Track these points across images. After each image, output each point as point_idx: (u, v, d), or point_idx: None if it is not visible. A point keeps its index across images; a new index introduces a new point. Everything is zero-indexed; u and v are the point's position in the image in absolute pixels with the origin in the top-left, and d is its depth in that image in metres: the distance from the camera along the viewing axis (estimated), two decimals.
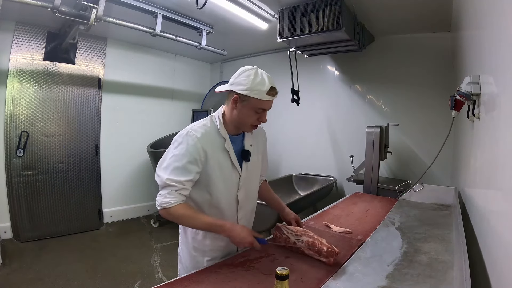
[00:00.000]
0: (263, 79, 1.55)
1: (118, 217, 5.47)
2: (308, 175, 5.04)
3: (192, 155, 1.54)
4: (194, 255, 1.71)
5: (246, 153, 1.74)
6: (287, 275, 1.03)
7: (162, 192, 1.54)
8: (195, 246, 1.71)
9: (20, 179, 4.33)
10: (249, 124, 1.65)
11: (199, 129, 1.61)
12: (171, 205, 1.51)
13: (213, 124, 1.68)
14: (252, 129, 1.71)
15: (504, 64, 1.14)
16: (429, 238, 1.88)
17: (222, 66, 6.75)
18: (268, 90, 1.54)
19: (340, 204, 2.92)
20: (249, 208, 1.85)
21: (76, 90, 4.83)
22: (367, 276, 1.39)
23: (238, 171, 1.71)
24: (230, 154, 1.67)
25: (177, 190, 1.52)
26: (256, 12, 3.88)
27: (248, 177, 1.76)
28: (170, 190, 1.52)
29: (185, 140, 1.56)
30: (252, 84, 1.52)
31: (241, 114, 1.61)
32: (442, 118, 3.57)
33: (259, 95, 1.54)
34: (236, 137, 1.74)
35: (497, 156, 1.27)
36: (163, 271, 3.76)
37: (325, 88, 5.15)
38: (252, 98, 1.55)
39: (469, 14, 2.24)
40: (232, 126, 1.69)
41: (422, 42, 4.18)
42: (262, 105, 1.58)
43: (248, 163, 1.75)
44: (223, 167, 1.65)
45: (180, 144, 1.56)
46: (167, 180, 1.51)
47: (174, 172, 1.52)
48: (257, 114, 1.61)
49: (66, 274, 3.52)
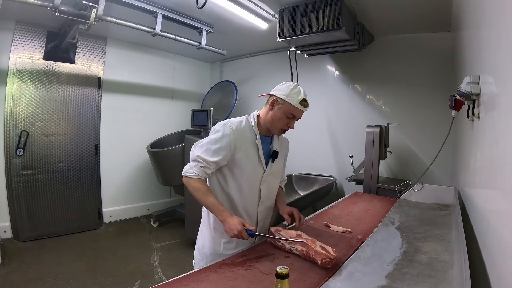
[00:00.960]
0: (300, 91, 1.83)
1: (117, 216, 5.46)
2: (308, 174, 5.04)
3: (224, 142, 1.76)
4: (214, 236, 1.90)
5: (275, 153, 1.97)
6: (287, 274, 1.03)
7: (190, 164, 1.79)
8: (216, 226, 1.89)
9: (20, 179, 4.33)
10: (279, 127, 1.88)
11: (235, 123, 1.86)
12: (193, 175, 1.75)
13: (248, 122, 1.92)
14: (280, 133, 1.96)
15: (504, 64, 1.14)
16: (428, 238, 1.88)
17: (222, 65, 6.75)
18: (301, 100, 1.80)
19: (339, 204, 2.93)
20: (268, 204, 2.05)
21: (76, 89, 4.83)
22: (367, 275, 1.39)
23: (263, 167, 1.91)
24: (259, 150, 1.88)
25: (202, 166, 1.76)
26: (256, 11, 3.88)
27: (271, 175, 1.97)
28: (197, 164, 1.76)
29: (222, 129, 1.79)
30: (290, 92, 1.80)
31: (274, 116, 1.85)
32: (442, 118, 3.58)
33: (293, 102, 1.79)
34: (265, 138, 1.97)
35: (496, 156, 1.27)
36: (162, 271, 3.76)
37: (325, 88, 5.15)
38: (286, 102, 1.80)
39: (469, 14, 2.24)
40: (264, 127, 1.92)
41: (422, 42, 4.17)
42: (293, 111, 1.82)
43: (273, 163, 1.96)
44: (250, 159, 1.86)
45: (217, 131, 1.80)
46: (197, 157, 1.76)
47: (205, 152, 1.76)
48: (287, 119, 1.84)
49: (66, 274, 3.52)
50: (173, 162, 4.70)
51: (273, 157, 1.96)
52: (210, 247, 1.89)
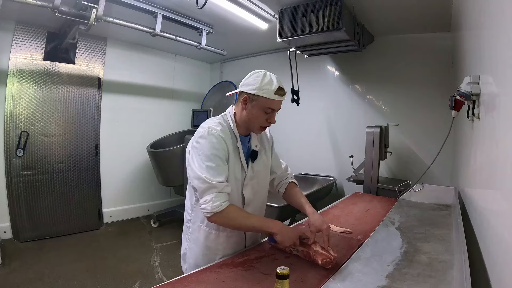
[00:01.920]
0: (271, 80, 1.61)
1: (118, 217, 5.46)
2: (308, 175, 5.04)
3: (221, 152, 1.57)
4: (206, 254, 1.71)
5: (254, 153, 1.78)
6: (287, 275, 1.03)
7: (207, 198, 1.49)
8: (208, 245, 1.71)
9: (20, 179, 4.33)
10: (258, 125, 1.69)
11: (218, 127, 1.62)
12: (223, 207, 1.49)
13: (227, 122, 1.72)
14: (261, 131, 1.75)
15: (504, 64, 1.14)
16: (429, 238, 1.88)
17: (222, 66, 6.75)
18: (276, 90, 1.59)
19: (340, 204, 2.92)
20: (257, 206, 1.86)
21: (76, 90, 4.83)
22: (367, 275, 1.39)
23: (245, 170, 1.73)
24: (240, 153, 1.71)
25: (221, 189, 1.51)
26: (256, 12, 3.88)
27: (254, 177, 1.78)
28: (216, 193, 1.49)
29: (209, 139, 1.57)
30: (260, 84, 1.58)
31: (250, 114, 1.65)
32: (442, 118, 3.58)
33: (267, 94, 1.58)
34: (244, 137, 1.78)
35: (497, 156, 1.27)
36: (163, 271, 3.76)
37: (325, 88, 5.15)
38: (260, 97, 1.60)
39: (468, 14, 2.24)
40: (242, 126, 1.73)
41: (422, 42, 4.18)
42: (270, 105, 1.63)
43: (254, 164, 1.78)
44: (233, 164, 1.67)
45: (205, 145, 1.57)
46: (209, 181, 1.49)
47: (211, 173, 1.51)
48: (266, 115, 1.65)
49: (66, 274, 3.52)
50: (173, 162, 4.70)
51: (252, 157, 1.77)
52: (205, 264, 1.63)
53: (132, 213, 5.68)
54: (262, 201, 1.92)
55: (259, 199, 1.88)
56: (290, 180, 2.02)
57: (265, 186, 1.93)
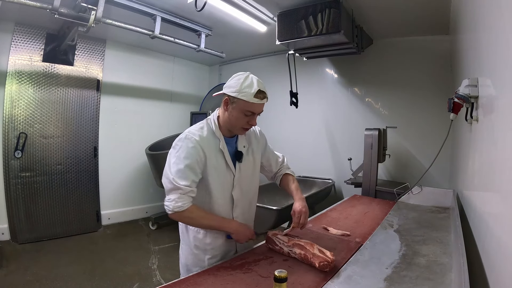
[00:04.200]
0: (252, 83, 1.60)
1: (116, 219, 5.44)
2: (306, 177, 5.04)
3: (194, 156, 1.61)
4: (196, 253, 1.76)
5: (239, 154, 1.80)
6: (285, 278, 1.03)
7: (171, 197, 1.58)
8: (197, 244, 1.76)
9: (18, 181, 4.31)
10: (239, 126, 1.70)
11: (196, 132, 1.68)
12: (183, 208, 1.57)
13: (209, 127, 1.75)
14: (244, 132, 1.78)
15: (502, 67, 1.15)
16: (427, 241, 1.88)
17: (220, 68, 6.76)
18: (256, 93, 1.59)
19: (338, 207, 2.93)
20: (246, 207, 1.89)
21: (74, 91, 4.82)
22: (366, 278, 1.39)
23: (232, 171, 1.77)
24: (225, 155, 1.73)
25: (186, 193, 1.58)
26: (255, 14, 3.89)
27: (242, 177, 1.82)
28: (180, 194, 1.57)
29: (185, 143, 1.62)
30: (240, 87, 1.59)
31: (231, 116, 1.67)
32: (440, 120, 3.58)
33: (246, 97, 1.58)
34: (230, 139, 1.80)
35: (495, 158, 1.27)
36: (161, 274, 3.75)
37: (324, 90, 5.16)
38: (240, 100, 1.60)
39: (467, 17, 2.25)
40: (225, 128, 1.75)
41: (420, 45, 4.19)
42: (250, 108, 1.63)
43: (241, 164, 1.81)
44: (218, 167, 1.71)
45: (180, 148, 1.63)
46: (174, 183, 1.56)
47: (179, 175, 1.58)
48: (246, 117, 1.66)
49: (64, 276, 3.50)
50: None
51: (237, 158, 1.79)
52: (194, 264, 1.76)
53: (130, 215, 5.66)
54: (250, 201, 1.94)
55: (248, 199, 1.91)
56: (285, 171, 2.10)
57: (253, 185, 1.96)
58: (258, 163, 1.96)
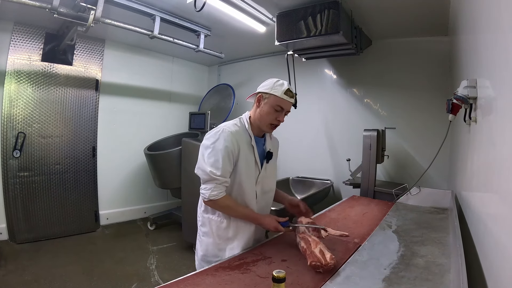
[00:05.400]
0: (283, 83, 1.85)
1: (114, 219, 5.44)
2: (305, 178, 5.04)
3: (229, 148, 1.75)
4: (218, 243, 1.88)
5: (269, 154, 1.99)
6: (283, 278, 1.03)
7: (208, 186, 1.75)
8: (220, 234, 1.88)
9: (17, 180, 4.30)
10: (268, 122, 1.86)
11: (231, 125, 1.85)
12: (218, 197, 1.74)
13: (242, 124, 1.92)
14: (271, 130, 1.93)
15: (501, 68, 1.15)
16: (426, 241, 1.88)
17: (219, 69, 6.75)
18: (286, 90, 1.81)
19: (337, 208, 2.93)
20: (264, 203, 2.02)
21: (73, 91, 4.82)
22: (364, 279, 1.39)
23: (259, 168, 1.92)
24: (255, 151, 1.89)
25: (222, 183, 1.75)
26: (254, 15, 3.89)
27: (265, 176, 1.97)
28: (216, 184, 1.73)
29: (222, 136, 1.77)
30: (273, 85, 1.84)
31: (262, 111, 1.85)
32: (439, 121, 3.59)
33: (277, 93, 1.81)
34: (259, 139, 1.97)
35: (493, 159, 1.28)
36: (159, 274, 3.75)
37: (323, 91, 5.16)
38: (271, 95, 1.82)
39: (466, 18, 2.25)
40: (256, 126, 1.92)
41: (419, 46, 4.19)
42: (280, 103, 1.82)
43: (267, 164, 1.98)
44: (248, 161, 1.86)
45: (217, 140, 1.77)
46: (210, 173, 1.72)
47: (215, 166, 1.73)
48: (275, 113, 1.84)
49: (62, 276, 3.49)
50: (170, 165, 4.68)
51: (267, 158, 1.98)
52: (214, 255, 1.87)
53: (128, 215, 5.65)
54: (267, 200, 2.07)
55: (266, 199, 2.05)
56: None
57: (272, 187, 2.10)
58: (276, 169, 2.15)
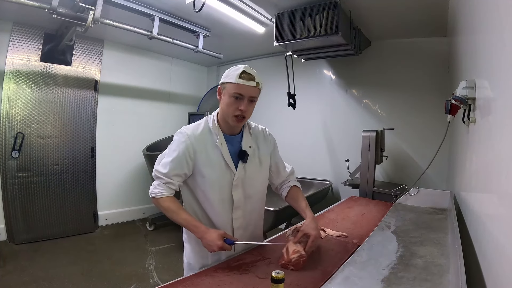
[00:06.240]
0: (238, 68, 1.63)
1: (113, 220, 5.43)
2: (304, 178, 5.03)
3: (182, 150, 1.64)
4: (198, 250, 1.74)
5: (243, 153, 1.75)
6: (282, 279, 1.03)
7: (154, 183, 1.69)
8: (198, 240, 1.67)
9: (15, 181, 4.29)
10: (231, 114, 1.64)
11: (191, 127, 1.73)
12: (158, 196, 1.65)
13: (206, 123, 1.76)
14: (238, 122, 1.67)
15: (500, 69, 1.15)
16: (424, 242, 1.88)
17: (218, 69, 6.75)
18: (240, 73, 1.59)
19: (335, 208, 2.93)
20: (249, 209, 1.82)
21: (72, 92, 4.81)
22: (363, 279, 1.39)
23: (233, 171, 1.72)
24: (223, 152, 1.70)
25: (165, 183, 1.65)
26: (253, 16, 3.89)
27: (246, 178, 1.76)
28: (160, 182, 1.66)
29: (178, 137, 1.69)
30: (228, 72, 1.66)
31: (223, 104, 1.67)
32: (437, 122, 3.60)
33: (232, 79, 1.60)
34: (232, 137, 1.77)
35: (492, 160, 1.28)
36: (158, 275, 3.74)
37: (321, 92, 5.17)
38: (227, 83, 1.63)
39: (464, 19, 2.26)
40: (223, 121, 1.73)
41: (418, 47, 4.21)
42: (236, 89, 1.60)
43: (246, 164, 1.75)
44: (214, 164, 1.69)
45: (173, 141, 1.70)
46: (156, 171, 1.68)
47: (163, 166, 1.66)
48: (236, 102, 1.61)
49: (61, 277, 3.49)
50: None
51: (241, 157, 1.74)
52: (198, 262, 1.75)
53: (127, 216, 5.65)
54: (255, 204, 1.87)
55: (253, 204, 1.84)
56: (293, 183, 2.02)
57: (260, 189, 1.89)
58: (266, 166, 1.90)
